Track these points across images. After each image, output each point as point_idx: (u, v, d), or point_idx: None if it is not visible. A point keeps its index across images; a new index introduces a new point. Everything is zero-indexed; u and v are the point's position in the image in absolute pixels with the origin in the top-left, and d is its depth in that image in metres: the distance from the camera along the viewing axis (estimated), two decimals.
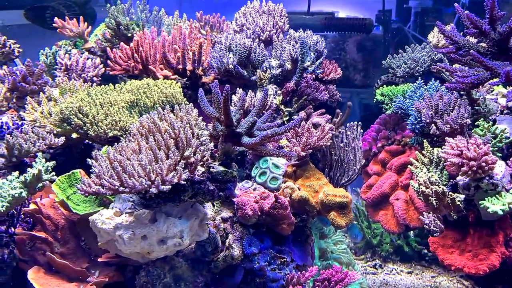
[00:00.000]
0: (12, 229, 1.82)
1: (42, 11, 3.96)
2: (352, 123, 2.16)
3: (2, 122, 2.01)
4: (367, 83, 4.18)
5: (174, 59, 2.14)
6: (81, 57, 2.60)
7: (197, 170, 1.45)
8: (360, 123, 2.25)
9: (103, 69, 2.66)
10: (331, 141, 1.90)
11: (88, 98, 1.67)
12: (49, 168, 1.71)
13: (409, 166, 1.84)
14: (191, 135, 1.39)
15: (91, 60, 2.61)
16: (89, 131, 1.59)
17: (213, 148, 1.55)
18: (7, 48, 2.81)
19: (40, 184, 1.62)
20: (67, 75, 2.55)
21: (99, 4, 4.52)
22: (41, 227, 1.81)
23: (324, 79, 2.68)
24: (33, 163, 1.72)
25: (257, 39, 2.31)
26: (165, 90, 1.83)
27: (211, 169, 1.56)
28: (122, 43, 2.15)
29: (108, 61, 2.18)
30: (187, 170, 1.33)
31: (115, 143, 1.72)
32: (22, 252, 1.80)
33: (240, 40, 2.10)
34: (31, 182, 1.58)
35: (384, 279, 3.10)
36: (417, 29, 4.26)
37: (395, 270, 3.24)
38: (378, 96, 2.48)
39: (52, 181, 1.73)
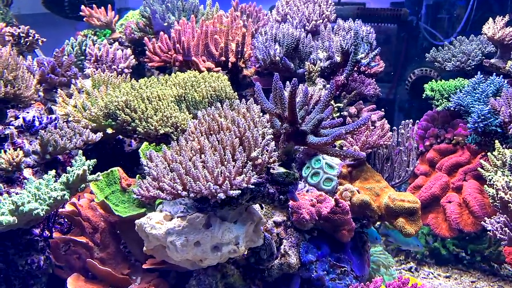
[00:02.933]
0: (47, 232, 1.70)
1: None
2: (406, 121, 2.01)
3: (34, 117, 1.88)
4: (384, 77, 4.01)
5: (217, 50, 2.00)
6: (111, 47, 2.46)
7: None
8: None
9: (134, 60, 2.52)
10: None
11: (134, 92, 1.53)
12: (90, 167, 1.57)
13: (479, 169, 1.69)
14: (258, 133, 1.25)
15: (122, 51, 2.48)
16: (138, 128, 1.45)
17: None
18: (30, 38, 2.67)
19: (83, 185, 1.49)
20: (97, 67, 2.41)
21: None
22: (79, 231, 1.68)
23: (366, 72, 2.52)
24: (72, 161, 1.58)
25: (302, 29, 2.15)
26: (213, 83, 1.69)
27: (271, 170, 1.43)
28: (162, 33, 2.00)
29: (147, 52, 2.03)
30: (254, 172, 1.19)
31: (164, 141, 1.59)
32: (57, 257, 1.68)
33: (288, 30, 1.95)
34: (74, 183, 1.45)
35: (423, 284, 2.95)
36: (428, 22, 4.08)
37: (432, 274, 3.10)
38: (427, 91, 2.32)
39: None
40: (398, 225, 1.50)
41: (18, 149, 1.76)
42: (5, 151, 1.69)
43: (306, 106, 1.40)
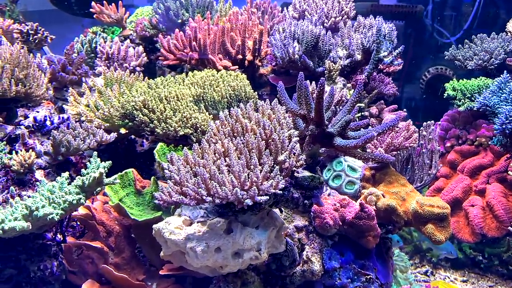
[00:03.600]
0: (59, 236, 1.64)
1: None
2: (429, 122, 1.94)
3: (46, 117, 1.82)
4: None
5: (233, 48, 1.93)
6: (122, 45, 2.40)
7: None
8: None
9: (146, 58, 2.46)
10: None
11: (152, 91, 1.47)
12: (106, 169, 1.51)
13: (509, 172, 1.62)
14: (284, 136, 1.18)
15: (133, 49, 2.41)
16: (156, 129, 1.39)
17: None
18: (39, 35, 2.62)
19: (99, 188, 1.43)
20: (108, 65, 2.35)
21: None
22: (93, 235, 1.62)
23: (384, 70, 2.45)
24: (87, 163, 1.52)
25: (321, 26, 2.08)
26: (232, 83, 1.63)
27: (295, 174, 1.36)
28: (177, 30, 1.94)
29: (162, 50, 1.97)
30: (281, 177, 1.13)
31: (182, 142, 1.53)
32: (70, 262, 1.62)
33: (308, 28, 1.88)
34: (90, 186, 1.38)
35: None
36: (435, 19, 4.00)
37: (448, 278, 3.03)
38: (449, 90, 2.25)
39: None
40: (427, 232, 1.43)
41: (30, 150, 1.71)
42: (16, 152, 1.63)
43: (333, 107, 1.34)
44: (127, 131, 2.00)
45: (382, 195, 1.57)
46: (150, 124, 1.41)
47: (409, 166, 1.95)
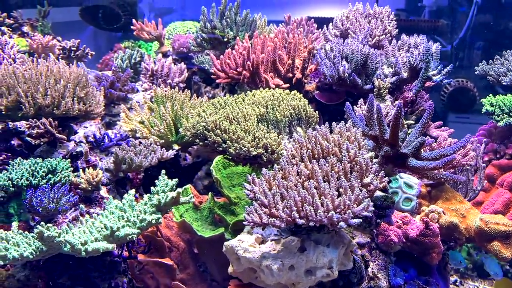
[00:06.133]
0: (125, 252, 1.67)
1: (96, 10, 3.82)
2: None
3: (105, 134, 1.86)
4: None
5: (284, 66, 1.98)
6: (165, 61, 2.45)
7: None
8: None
9: (186, 74, 2.51)
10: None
11: (220, 111, 1.51)
12: (174, 187, 1.55)
13: None
14: (367, 158, 1.22)
15: (176, 65, 2.46)
16: (229, 149, 1.43)
17: None
18: (80, 51, 2.66)
19: (173, 208, 1.46)
20: (152, 81, 2.39)
21: None
22: (159, 251, 1.65)
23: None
24: (156, 181, 1.56)
25: (367, 46, 2.14)
26: (292, 102, 1.67)
27: None
28: (228, 50, 1.98)
29: (213, 69, 2.01)
30: (370, 200, 1.17)
31: (250, 161, 1.57)
32: (137, 278, 1.65)
33: (357, 47, 1.93)
34: (166, 205, 1.42)
35: None
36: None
37: (477, 287, 3.07)
38: (487, 106, 2.30)
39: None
40: (493, 249, 1.48)
41: (92, 167, 1.74)
42: (83, 170, 1.67)
43: (405, 128, 1.38)
44: (179, 147, 2.04)
45: (443, 212, 1.61)
46: (223, 145, 1.45)
47: (451, 182, 2.00)
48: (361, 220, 1.13)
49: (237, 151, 1.43)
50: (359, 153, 1.23)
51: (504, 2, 3.68)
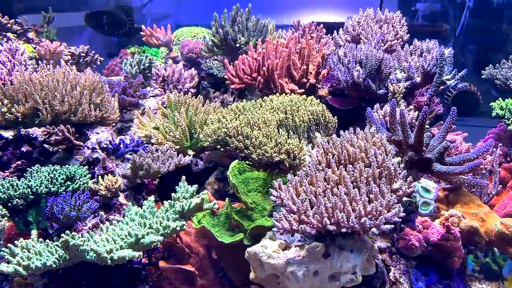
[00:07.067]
0: (144, 259, 1.66)
1: (101, 16, 3.81)
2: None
3: (121, 140, 1.85)
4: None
5: (298, 72, 1.99)
6: (176, 67, 2.44)
7: None
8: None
9: (197, 79, 2.51)
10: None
11: (241, 117, 1.51)
12: (194, 193, 1.54)
13: None
14: (395, 163, 1.23)
15: (187, 71, 2.46)
16: (252, 155, 1.43)
17: None
18: (89, 57, 2.65)
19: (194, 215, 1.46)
20: (164, 87, 2.39)
21: None
22: (179, 257, 1.65)
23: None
24: (177, 187, 1.55)
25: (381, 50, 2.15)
26: (310, 107, 1.68)
27: None
28: (242, 56, 1.99)
29: (227, 74, 2.01)
30: (400, 205, 1.17)
31: (272, 167, 1.57)
32: (157, 285, 1.64)
33: (372, 52, 1.94)
34: (190, 211, 1.41)
35: None
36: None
37: None
38: (497, 110, 2.32)
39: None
40: None
41: (110, 174, 1.73)
42: (101, 177, 1.66)
43: (429, 133, 1.39)
44: (194, 153, 2.04)
45: (462, 216, 1.62)
46: (245, 150, 1.45)
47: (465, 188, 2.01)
48: (393, 226, 1.13)
49: (259, 157, 1.43)
50: (387, 158, 1.24)
51: (496, 6, 3.73)
